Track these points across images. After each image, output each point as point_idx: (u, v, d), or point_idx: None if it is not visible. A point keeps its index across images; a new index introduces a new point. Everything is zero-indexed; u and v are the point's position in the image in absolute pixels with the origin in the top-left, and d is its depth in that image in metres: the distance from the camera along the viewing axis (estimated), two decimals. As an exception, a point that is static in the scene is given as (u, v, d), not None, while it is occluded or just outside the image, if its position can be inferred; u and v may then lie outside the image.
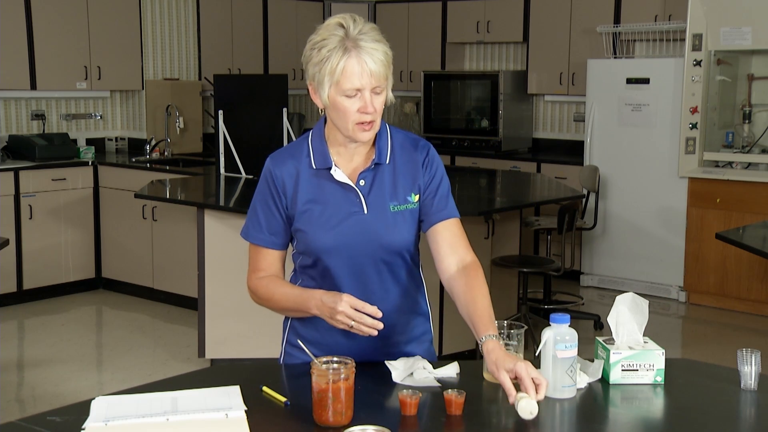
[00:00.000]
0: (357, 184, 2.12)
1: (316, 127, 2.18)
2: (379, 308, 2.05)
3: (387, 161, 2.14)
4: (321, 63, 2.00)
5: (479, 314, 2.07)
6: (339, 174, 2.11)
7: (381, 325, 2.00)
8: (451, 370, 2.12)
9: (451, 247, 2.16)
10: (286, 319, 2.29)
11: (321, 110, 2.11)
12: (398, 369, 2.08)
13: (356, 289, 2.13)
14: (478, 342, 2.03)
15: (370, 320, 2.00)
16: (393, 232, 2.13)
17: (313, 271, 2.17)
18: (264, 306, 2.23)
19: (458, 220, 2.20)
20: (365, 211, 2.11)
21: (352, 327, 2.00)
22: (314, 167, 2.13)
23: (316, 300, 2.06)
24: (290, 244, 2.23)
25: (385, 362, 2.11)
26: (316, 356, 1.97)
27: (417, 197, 2.16)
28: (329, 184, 2.12)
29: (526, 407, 1.78)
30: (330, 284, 2.14)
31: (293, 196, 2.13)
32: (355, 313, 1.99)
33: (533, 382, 1.87)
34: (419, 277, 2.28)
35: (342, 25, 2.00)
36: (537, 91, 7.75)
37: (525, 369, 1.88)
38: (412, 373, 2.08)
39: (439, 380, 2.06)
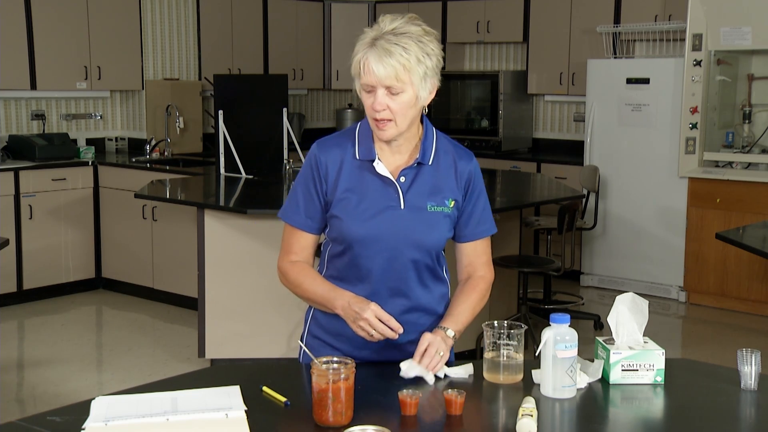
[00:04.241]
0: (398, 180, 2.15)
1: (365, 119, 2.19)
2: (397, 304, 2.12)
3: (430, 162, 2.17)
4: (353, 58, 2.07)
5: (450, 311, 2.21)
6: (381, 167, 2.14)
7: (399, 332, 2.07)
8: (463, 372, 2.11)
9: (471, 266, 2.28)
10: (308, 310, 2.30)
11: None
12: (411, 367, 2.07)
13: (380, 283, 2.15)
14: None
15: (390, 332, 2.05)
16: (427, 230, 2.15)
17: (341, 261, 2.19)
18: (290, 289, 2.26)
19: (488, 238, 2.28)
20: (402, 207, 2.14)
21: (372, 336, 2.04)
22: (358, 158, 2.15)
23: (343, 301, 2.10)
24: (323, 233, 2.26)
25: (400, 364, 2.09)
26: (336, 348, 1.98)
27: (453, 203, 2.19)
28: (370, 176, 2.15)
29: (525, 426, 1.77)
30: (355, 275, 2.17)
31: (334, 183, 2.15)
32: (378, 324, 2.04)
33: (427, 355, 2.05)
34: (445, 280, 2.29)
35: (379, 23, 2.06)
36: (537, 91, 7.75)
37: (425, 339, 2.08)
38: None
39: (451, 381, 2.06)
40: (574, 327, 2.04)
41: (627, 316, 2.14)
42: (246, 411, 1.85)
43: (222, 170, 5.79)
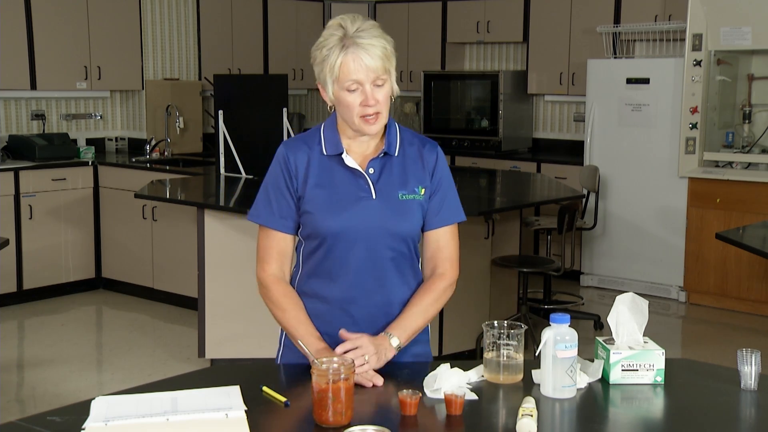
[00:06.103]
0: (366, 171, 2.17)
1: (328, 120, 2.24)
2: (377, 297, 2.12)
3: (396, 153, 2.20)
4: (323, 62, 2.11)
5: (400, 315, 2.18)
6: (349, 160, 2.17)
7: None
8: (475, 375, 2.09)
9: (432, 260, 2.26)
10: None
11: (330, 107, 2.18)
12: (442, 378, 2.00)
13: (358, 277, 2.16)
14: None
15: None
16: (401, 218, 2.17)
17: (316, 257, 2.19)
18: (268, 306, 2.24)
19: (452, 227, 2.26)
20: (373, 197, 2.16)
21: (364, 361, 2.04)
22: (325, 153, 2.18)
23: (313, 349, 2.10)
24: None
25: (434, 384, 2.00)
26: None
27: (423, 190, 2.21)
28: (339, 169, 2.18)
29: (525, 426, 1.77)
30: (332, 270, 2.17)
31: (304, 179, 2.17)
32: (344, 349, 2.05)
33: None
34: (420, 274, 2.29)
35: (341, 26, 2.10)
36: (537, 91, 7.75)
37: (358, 340, 2.05)
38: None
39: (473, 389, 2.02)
40: (574, 327, 2.04)
41: (627, 316, 2.14)
42: (246, 411, 1.85)
43: (222, 170, 5.79)
